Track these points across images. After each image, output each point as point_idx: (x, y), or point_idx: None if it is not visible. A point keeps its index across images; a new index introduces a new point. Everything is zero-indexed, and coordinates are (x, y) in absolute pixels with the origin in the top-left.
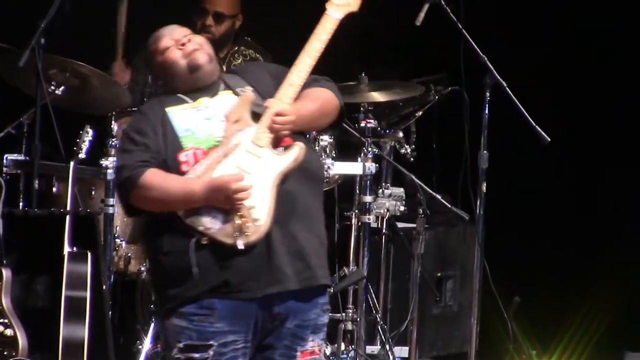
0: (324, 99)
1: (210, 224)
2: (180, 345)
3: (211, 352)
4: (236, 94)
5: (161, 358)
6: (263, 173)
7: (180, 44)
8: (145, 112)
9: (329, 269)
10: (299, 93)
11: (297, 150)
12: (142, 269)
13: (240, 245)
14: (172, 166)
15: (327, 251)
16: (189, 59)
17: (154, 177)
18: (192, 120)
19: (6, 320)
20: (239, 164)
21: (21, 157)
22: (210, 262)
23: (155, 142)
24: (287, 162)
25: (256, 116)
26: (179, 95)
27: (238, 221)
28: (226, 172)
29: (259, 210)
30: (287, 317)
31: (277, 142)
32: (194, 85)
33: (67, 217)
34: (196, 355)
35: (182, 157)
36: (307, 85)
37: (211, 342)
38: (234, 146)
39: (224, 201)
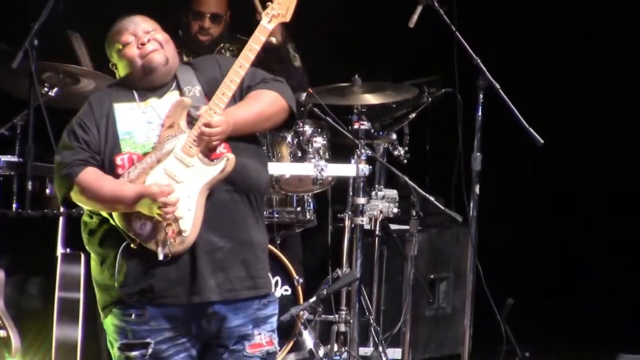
0: (267, 101)
1: (139, 229)
2: (119, 344)
3: (150, 350)
4: (182, 94)
5: (109, 357)
6: (192, 183)
7: (140, 42)
8: (93, 104)
9: (321, 270)
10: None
11: (225, 162)
12: None
13: (161, 256)
14: (108, 168)
15: (263, 259)
16: (144, 60)
17: (89, 178)
18: (134, 122)
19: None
20: (169, 172)
21: (14, 159)
22: (138, 266)
23: (97, 140)
24: (214, 173)
25: (192, 121)
26: (132, 90)
27: (163, 232)
28: (157, 180)
29: (186, 221)
30: (224, 318)
31: (207, 152)
32: (146, 85)
33: (61, 219)
34: (135, 352)
35: (117, 160)
36: (255, 85)
37: (148, 340)
38: (167, 152)
39: (150, 210)
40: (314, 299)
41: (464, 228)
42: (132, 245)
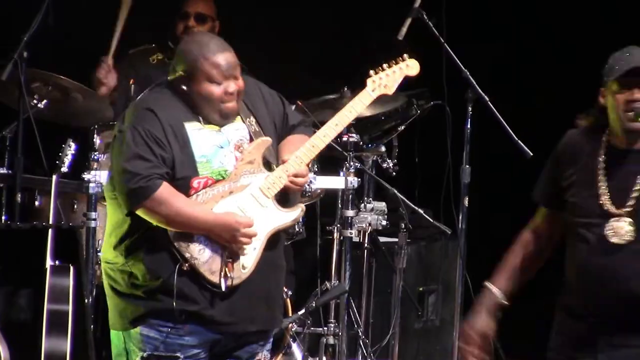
0: None
1: (197, 253)
2: (144, 354)
3: None
4: (243, 121)
5: None
6: (261, 223)
7: (229, 91)
8: (160, 117)
9: (310, 282)
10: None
11: (299, 212)
12: None
13: (224, 287)
14: (182, 186)
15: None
16: (224, 107)
17: (166, 194)
18: (208, 145)
19: None
20: (241, 206)
21: (4, 171)
22: (189, 287)
23: (171, 157)
24: (287, 220)
25: (266, 162)
26: (193, 110)
27: (221, 262)
28: (227, 209)
29: (249, 257)
30: (247, 341)
31: (281, 196)
32: (210, 117)
33: (50, 231)
34: None
35: (194, 183)
36: (294, 126)
37: (178, 355)
38: (241, 187)
39: (227, 239)
40: (302, 311)
41: (453, 240)
42: (183, 267)
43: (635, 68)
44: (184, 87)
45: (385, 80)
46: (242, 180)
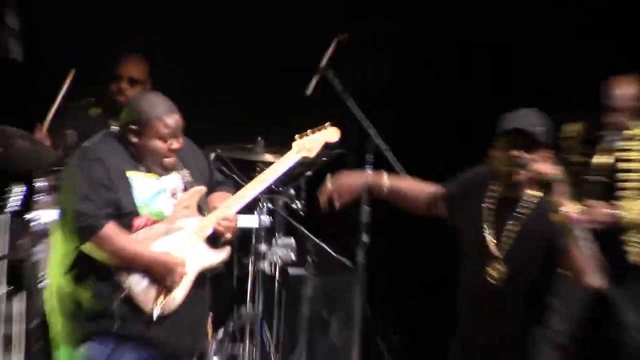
0: None
1: (134, 284)
2: None
3: None
4: (178, 172)
5: None
6: (192, 262)
7: (172, 148)
8: (107, 164)
9: (228, 309)
10: (212, 190)
11: (226, 253)
12: None
13: (155, 316)
14: (125, 224)
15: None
16: (166, 162)
17: (111, 233)
18: (148, 192)
19: None
20: (174, 246)
21: None
22: (128, 312)
23: (115, 199)
24: (216, 260)
25: (199, 208)
26: (137, 161)
27: (155, 293)
28: (164, 249)
29: (179, 291)
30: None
31: (211, 239)
32: (151, 168)
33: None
34: None
35: (136, 222)
36: (218, 182)
37: None
38: (177, 228)
39: (161, 274)
40: (221, 332)
41: (354, 273)
42: (121, 296)
43: (519, 129)
44: (133, 139)
45: (309, 144)
46: (178, 222)
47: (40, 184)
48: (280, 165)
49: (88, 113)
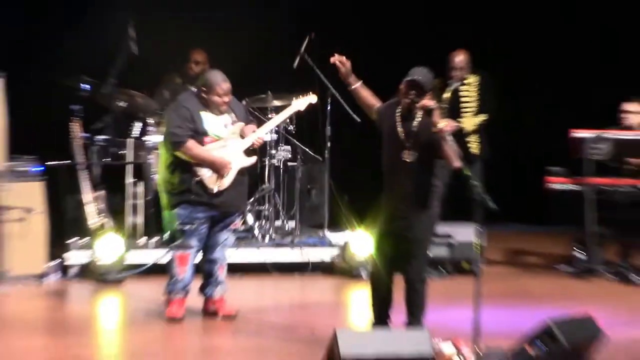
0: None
1: (203, 173)
2: (179, 223)
3: (194, 225)
4: (229, 114)
5: (170, 232)
6: (235, 162)
7: (225, 100)
8: (189, 108)
9: (254, 186)
10: (246, 124)
11: (254, 159)
12: None
13: (215, 191)
14: (199, 141)
15: (246, 197)
16: (222, 108)
17: (191, 145)
18: (212, 124)
19: None
20: (226, 153)
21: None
22: (199, 190)
23: (194, 128)
24: (249, 162)
25: (240, 134)
26: (201, 104)
27: (216, 179)
28: (221, 154)
29: (228, 177)
30: (230, 214)
31: (247, 151)
32: (214, 112)
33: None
34: (190, 226)
35: (206, 140)
36: (248, 120)
37: (194, 222)
38: (228, 144)
39: (218, 168)
40: (252, 199)
41: (324, 163)
42: (196, 180)
43: (414, 79)
44: (204, 95)
45: (301, 102)
46: (229, 141)
47: (149, 120)
48: (284, 113)
49: (174, 81)
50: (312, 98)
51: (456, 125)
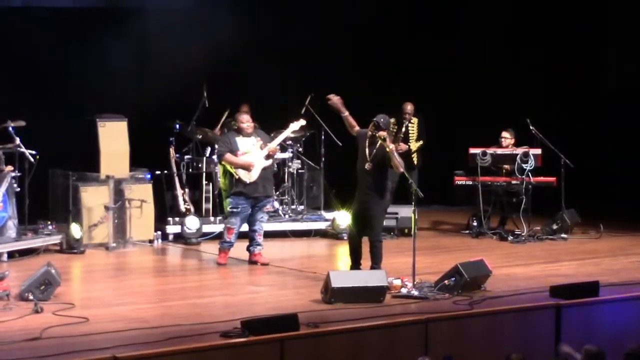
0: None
1: (240, 172)
2: (230, 207)
3: (239, 208)
4: (256, 138)
5: (225, 213)
6: (258, 164)
7: (248, 125)
8: (229, 137)
9: (278, 185)
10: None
11: (271, 162)
12: None
13: (249, 182)
14: (234, 154)
15: (273, 187)
16: (247, 132)
17: (229, 157)
18: (242, 143)
19: None
20: (253, 159)
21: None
22: (239, 184)
23: (231, 147)
24: (267, 163)
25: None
26: (238, 133)
27: (249, 175)
28: (248, 159)
29: (254, 173)
30: (262, 199)
31: (267, 157)
32: (244, 134)
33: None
34: (236, 209)
35: (238, 153)
36: (267, 140)
37: (239, 207)
38: (253, 154)
39: (248, 168)
40: (278, 191)
41: (320, 170)
42: (236, 177)
43: (377, 121)
44: (235, 126)
45: (295, 125)
46: (254, 152)
47: (217, 147)
48: (284, 133)
49: (230, 123)
50: (302, 122)
51: (407, 147)
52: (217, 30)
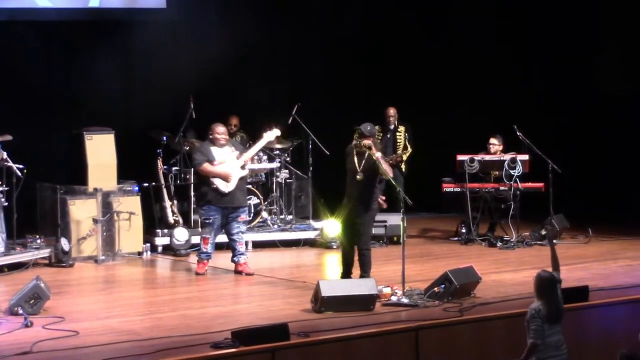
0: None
1: (217, 183)
2: (203, 217)
3: (211, 219)
4: (231, 148)
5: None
6: (234, 174)
7: (224, 136)
8: (204, 146)
9: (265, 197)
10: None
11: (248, 171)
12: None
13: (226, 192)
14: (211, 163)
15: (246, 197)
16: (222, 143)
17: (206, 166)
18: (218, 153)
19: None
20: (229, 169)
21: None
22: (216, 194)
23: (208, 157)
24: (243, 174)
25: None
26: (212, 143)
27: (224, 184)
28: (224, 169)
29: (232, 183)
30: (237, 209)
31: (242, 166)
32: (219, 145)
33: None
34: (208, 220)
35: (214, 163)
36: (242, 150)
37: (211, 218)
38: (229, 164)
39: (225, 178)
40: (266, 201)
41: (308, 179)
42: (212, 187)
43: (361, 129)
44: (211, 137)
45: (270, 134)
46: (229, 162)
47: (194, 156)
48: (259, 143)
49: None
50: (276, 132)
51: (400, 157)
52: (204, 43)
